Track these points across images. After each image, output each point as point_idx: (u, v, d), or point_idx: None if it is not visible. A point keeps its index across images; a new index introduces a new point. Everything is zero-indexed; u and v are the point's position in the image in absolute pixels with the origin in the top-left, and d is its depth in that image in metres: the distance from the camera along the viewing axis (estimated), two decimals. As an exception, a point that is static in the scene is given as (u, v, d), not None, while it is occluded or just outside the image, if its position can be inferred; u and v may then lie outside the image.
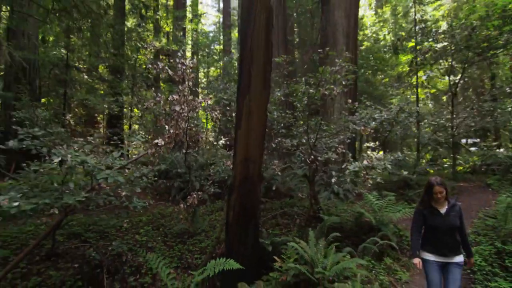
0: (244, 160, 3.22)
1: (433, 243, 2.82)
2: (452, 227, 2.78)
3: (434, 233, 2.83)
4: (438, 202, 2.84)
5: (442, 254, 2.78)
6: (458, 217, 2.80)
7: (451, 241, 2.77)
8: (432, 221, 2.84)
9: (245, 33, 2.89)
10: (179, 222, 4.02)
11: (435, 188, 2.78)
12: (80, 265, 2.99)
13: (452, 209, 2.82)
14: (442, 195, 2.77)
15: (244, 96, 3.02)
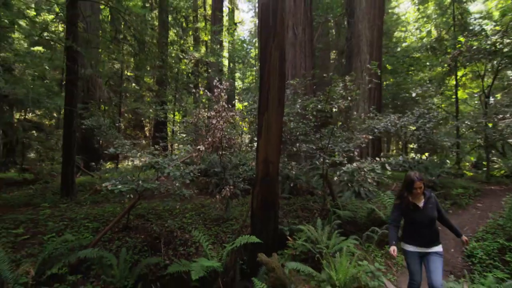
0: (264, 162, 4.17)
1: (413, 236, 2.88)
2: (431, 219, 2.84)
3: (413, 227, 2.89)
4: (416, 197, 2.89)
5: (422, 245, 2.85)
6: (435, 208, 2.87)
7: (430, 233, 2.84)
8: (411, 215, 2.89)
9: (263, 66, 3.85)
10: (215, 210, 5.11)
11: (416, 183, 2.82)
12: (145, 236, 4.17)
13: (429, 202, 2.89)
14: (421, 190, 2.84)
15: (263, 113, 3.98)
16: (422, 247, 2.83)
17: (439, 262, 2.77)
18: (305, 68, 10.02)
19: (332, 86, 4.73)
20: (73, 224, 3.86)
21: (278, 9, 3.66)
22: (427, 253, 2.83)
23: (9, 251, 3.24)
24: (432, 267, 2.75)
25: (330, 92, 4.66)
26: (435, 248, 2.80)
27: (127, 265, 3.50)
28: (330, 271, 3.02)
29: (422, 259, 2.85)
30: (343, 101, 4.79)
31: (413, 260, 2.85)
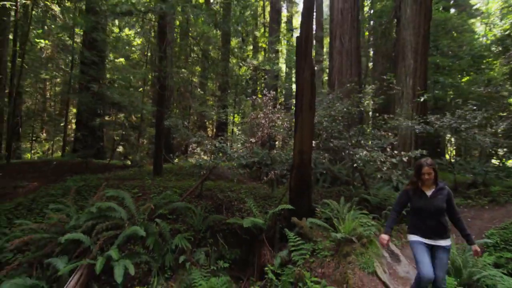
0: (299, 152, 5.56)
1: (418, 226, 2.85)
2: (437, 210, 2.76)
3: (419, 215, 2.85)
4: (426, 184, 2.85)
5: (427, 237, 2.79)
6: (445, 200, 2.79)
7: (436, 224, 2.77)
8: (417, 203, 2.86)
9: (298, 80, 5.27)
10: (263, 189, 6.64)
11: (424, 168, 2.80)
12: (212, 202, 5.89)
13: (439, 192, 2.82)
14: (430, 176, 2.79)
15: (298, 116, 5.38)
16: (427, 238, 2.78)
17: (446, 256, 2.72)
18: (351, 74, 11.03)
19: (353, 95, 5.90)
20: (166, 190, 5.77)
21: (309, 38, 5.05)
22: (433, 246, 2.77)
23: (131, 201, 5.22)
24: (438, 264, 2.71)
25: (354, 98, 5.84)
26: (442, 242, 2.74)
27: (201, 217, 5.23)
28: (338, 225, 4.31)
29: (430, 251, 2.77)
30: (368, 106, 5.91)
31: (419, 249, 2.77)
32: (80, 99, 7.94)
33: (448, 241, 2.77)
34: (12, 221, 4.56)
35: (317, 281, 3.52)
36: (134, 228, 4.10)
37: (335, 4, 11.36)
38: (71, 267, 3.56)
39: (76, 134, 8.65)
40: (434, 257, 2.76)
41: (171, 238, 4.46)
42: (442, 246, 2.74)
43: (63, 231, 3.98)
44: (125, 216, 4.35)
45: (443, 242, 2.75)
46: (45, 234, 3.95)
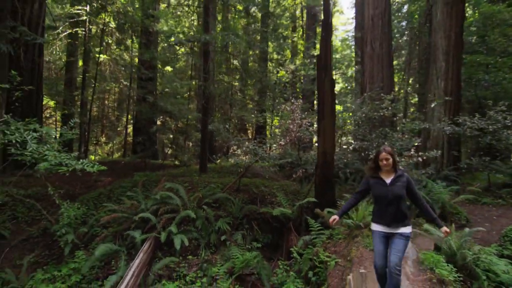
0: (323, 152, 6.45)
1: (378, 213, 2.92)
2: (396, 197, 2.79)
3: (379, 203, 2.93)
4: (385, 171, 2.91)
5: (386, 224, 2.84)
6: (405, 187, 2.83)
7: (394, 211, 2.80)
8: (377, 190, 2.91)
9: (320, 89, 6.17)
10: (293, 186, 7.60)
11: (381, 154, 2.87)
12: (248, 195, 6.99)
13: (398, 179, 2.87)
14: (388, 163, 2.85)
15: (321, 120, 6.27)
16: (386, 226, 2.84)
17: (402, 243, 2.76)
18: (382, 78, 11.51)
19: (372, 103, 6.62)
20: (210, 184, 6.99)
21: (328, 54, 5.94)
22: (392, 234, 2.83)
23: (184, 192, 6.52)
24: (393, 249, 2.76)
25: (372, 105, 6.57)
26: (400, 229, 2.80)
27: (238, 207, 6.35)
28: (352, 214, 5.14)
29: (388, 240, 2.85)
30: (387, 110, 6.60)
31: (377, 240, 2.90)
32: (139, 109, 9.58)
33: (407, 228, 2.81)
34: (97, 206, 6.09)
35: (328, 256, 4.43)
36: (186, 212, 5.35)
37: (365, 11, 11.92)
38: (143, 237, 4.89)
39: (137, 139, 10.36)
40: (392, 242, 2.81)
41: (214, 222, 5.64)
42: (399, 233, 2.78)
43: (136, 212, 5.35)
44: (179, 203, 5.63)
45: (402, 229, 2.79)
46: (123, 214, 5.36)
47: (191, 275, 4.65)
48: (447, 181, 9.26)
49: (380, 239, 2.89)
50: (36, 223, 5.73)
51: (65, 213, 5.11)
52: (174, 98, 11.99)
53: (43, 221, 5.60)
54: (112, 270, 4.55)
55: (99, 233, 5.27)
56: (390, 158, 2.84)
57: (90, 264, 4.52)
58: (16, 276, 4.56)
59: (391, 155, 2.86)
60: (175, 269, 4.69)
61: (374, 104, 6.71)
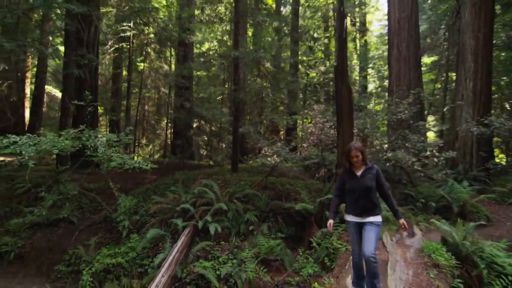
0: (342, 153, 7.08)
1: (351, 205, 3.14)
2: (366, 188, 3.01)
3: (351, 195, 3.14)
4: (356, 166, 3.13)
5: (358, 215, 3.06)
6: (374, 179, 3.05)
7: (365, 202, 3.03)
8: (349, 183, 3.13)
9: (337, 95, 6.82)
10: (316, 185, 8.29)
11: (352, 151, 3.08)
12: (274, 192, 7.80)
13: (368, 172, 3.08)
14: (359, 159, 3.06)
15: (339, 124, 6.92)
16: (358, 216, 3.06)
17: (372, 231, 2.95)
18: (409, 79, 11.76)
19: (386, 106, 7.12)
20: (240, 182, 7.89)
21: (344, 65, 6.60)
22: (363, 223, 3.04)
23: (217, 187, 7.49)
24: (365, 236, 2.96)
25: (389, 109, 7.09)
26: (370, 218, 3.00)
27: (265, 202, 7.18)
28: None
29: (361, 229, 3.07)
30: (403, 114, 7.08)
31: (351, 229, 3.14)
32: (178, 116, 10.79)
33: (377, 217, 3.02)
34: (145, 198, 7.26)
35: (341, 243, 5.12)
36: (219, 204, 6.29)
37: (391, 14, 12.22)
38: (184, 224, 5.91)
39: (176, 142, 11.63)
40: (364, 231, 3.02)
41: (244, 214, 6.53)
42: (371, 222, 2.99)
43: (178, 204, 6.40)
44: (213, 197, 6.59)
45: (372, 218, 3.00)
46: (168, 205, 6.44)
47: (223, 257, 5.57)
48: (476, 181, 9.39)
49: (354, 229, 3.12)
50: (97, 212, 7.02)
51: (121, 203, 6.30)
52: (209, 102, 13.15)
53: (103, 211, 6.86)
54: (160, 250, 5.61)
55: (148, 221, 6.39)
56: (360, 155, 3.08)
57: (142, 245, 5.62)
58: (86, 252, 5.79)
59: (361, 151, 3.09)
60: (210, 252, 5.64)
61: (391, 108, 7.20)
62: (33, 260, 6.04)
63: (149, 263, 5.43)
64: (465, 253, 4.68)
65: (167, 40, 13.03)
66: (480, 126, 8.85)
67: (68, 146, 4.79)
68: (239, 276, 5.22)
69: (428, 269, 3.93)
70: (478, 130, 8.83)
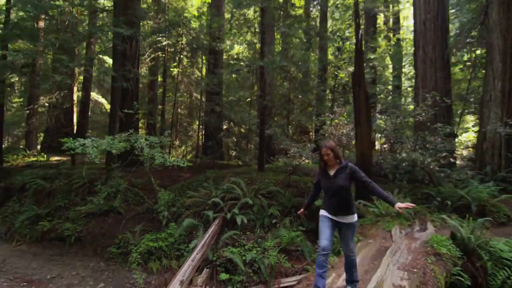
0: (360, 154, 7.65)
1: (326, 203, 3.21)
2: (339, 188, 3.01)
3: (326, 194, 3.20)
4: (330, 165, 3.14)
5: (332, 213, 3.10)
6: (348, 178, 3.04)
7: (339, 202, 3.05)
8: (323, 182, 3.18)
9: (355, 99, 7.39)
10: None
11: (322, 150, 3.11)
12: (297, 190, 8.49)
13: (341, 171, 3.06)
14: (329, 157, 3.05)
15: (357, 127, 7.48)
16: (332, 215, 3.09)
17: (350, 232, 3.07)
18: (435, 80, 11.91)
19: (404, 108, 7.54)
20: (265, 180, 8.67)
21: (361, 72, 7.17)
22: (338, 222, 3.10)
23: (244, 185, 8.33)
24: (342, 238, 3.13)
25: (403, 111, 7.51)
26: (346, 219, 3.05)
27: (288, 198, 7.90)
28: (379, 205, 6.31)
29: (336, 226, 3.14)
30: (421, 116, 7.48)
31: (324, 223, 3.13)
32: (209, 120, 11.82)
33: (352, 217, 3.08)
34: (181, 193, 8.28)
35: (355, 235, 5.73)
36: (246, 199, 7.12)
37: (417, 16, 12.42)
38: (214, 216, 6.80)
39: (207, 143, 12.69)
40: (340, 232, 3.13)
41: (268, 208, 7.30)
42: (346, 223, 3.06)
43: (209, 198, 7.32)
44: (240, 192, 7.44)
45: (347, 218, 3.05)
46: (200, 199, 7.38)
47: (248, 245, 6.38)
48: (504, 183, 9.42)
49: (327, 223, 3.11)
50: (141, 204, 8.14)
51: (161, 197, 7.33)
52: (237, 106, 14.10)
53: (146, 203, 7.96)
54: (194, 237, 6.54)
55: (184, 212, 7.36)
56: (331, 153, 3.07)
57: (179, 232, 6.58)
58: (132, 237, 6.87)
59: (331, 149, 3.08)
60: (237, 240, 6.47)
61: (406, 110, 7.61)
62: (89, 243, 7.25)
63: (184, 247, 6.38)
64: (471, 246, 5.11)
65: (199, 49, 14.17)
66: (508, 127, 8.94)
67: (122, 147, 5.88)
68: (262, 262, 5.99)
69: (428, 256, 4.45)
70: (506, 131, 8.92)
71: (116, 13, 8.49)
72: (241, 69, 8.61)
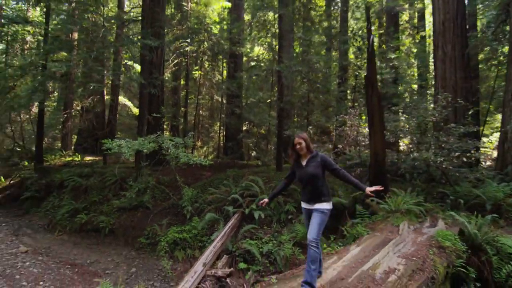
0: (374, 154, 7.98)
1: (302, 192, 3.37)
2: (310, 176, 3.17)
3: (300, 183, 3.37)
4: (302, 155, 3.32)
5: (306, 201, 3.27)
6: (319, 167, 3.18)
7: (311, 190, 3.20)
8: (298, 172, 3.34)
9: (368, 102, 7.75)
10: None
11: (295, 139, 3.26)
12: (313, 189, 8.94)
13: (312, 160, 3.22)
14: (301, 146, 3.20)
15: (371, 127, 7.82)
16: (307, 203, 3.29)
17: (317, 218, 3.13)
18: (455, 80, 11.94)
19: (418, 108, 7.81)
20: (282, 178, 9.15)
21: (374, 75, 7.53)
22: (311, 209, 3.24)
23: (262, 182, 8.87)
24: (311, 222, 3.16)
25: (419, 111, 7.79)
26: (316, 205, 3.18)
27: (303, 196, 8.37)
28: (391, 203, 6.66)
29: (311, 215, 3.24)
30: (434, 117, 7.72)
31: (304, 215, 3.39)
32: (229, 121, 12.51)
33: (324, 204, 3.18)
34: (203, 190, 8.96)
35: (364, 229, 6.14)
36: (263, 196, 7.66)
37: (436, 16, 12.48)
38: (234, 211, 7.40)
39: (228, 144, 13.39)
40: (311, 217, 3.20)
41: (284, 205, 7.82)
42: (317, 209, 3.17)
43: (229, 194, 7.94)
44: (258, 190, 8.00)
45: (317, 205, 3.18)
46: (221, 195, 8.01)
47: (265, 238, 6.92)
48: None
49: (305, 215, 3.38)
50: (166, 200, 8.89)
51: (185, 193, 8.03)
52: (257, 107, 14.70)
53: (171, 199, 8.70)
54: (215, 229, 7.17)
55: (206, 207, 8.02)
56: (303, 142, 3.26)
57: (202, 225, 7.24)
58: (160, 229, 7.60)
59: (304, 139, 3.28)
60: (255, 233, 7.03)
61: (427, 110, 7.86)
62: (121, 234, 8.07)
63: (206, 239, 7.01)
64: (477, 241, 5.40)
65: (219, 53, 14.91)
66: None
67: (151, 147, 6.63)
68: (278, 253, 6.51)
69: (431, 248, 4.81)
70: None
71: (143, 25, 9.35)
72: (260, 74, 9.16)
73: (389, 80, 20.28)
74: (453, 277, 4.91)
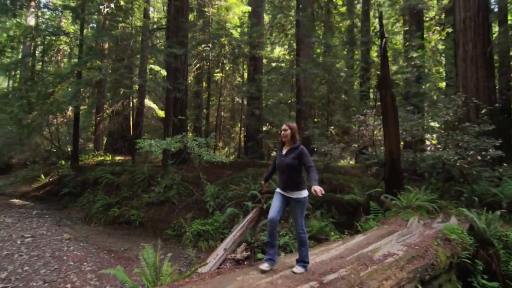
0: (389, 153, 8.31)
1: (279, 179, 3.47)
2: (287, 165, 3.26)
3: (278, 171, 3.49)
4: (285, 142, 3.43)
5: (282, 189, 3.36)
6: (297, 158, 3.26)
7: (287, 178, 3.30)
8: (277, 160, 3.50)
9: (382, 102, 8.08)
10: (370, 181, 9.53)
11: (283, 127, 3.39)
12: (329, 186, 9.34)
13: (292, 151, 3.31)
14: (286, 133, 3.31)
15: (385, 128, 8.14)
16: (283, 190, 3.38)
17: (297, 208, 3.30)
18: (476, 79, 11.91)
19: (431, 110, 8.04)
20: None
21: (387, 75, 7.86)
22: (289, 198, 3.34)
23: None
24: (291, 212, 3.39)
25: (431, 111, 8.02)
26: (293, 194, 3.29)
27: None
28: (403, 199, 6.99)
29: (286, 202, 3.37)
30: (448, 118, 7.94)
31: (276, 197, 3.43)
32: (249, 122, 13.13)
33: (299, 193, 3.29)
34: (224, 187, 9.61)
35: (376, 224, 6.52)
36: (280, 192, 8.20)
37: (456, 15, 12.48)
38: (253, 206, 7.98)
39: (248, 144, 14.02)
40: (290, 207, 3.34)
41: (300, 201, 8.31)
42: (293, 198, 3.29)
43: (248, 191, 8.53)
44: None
45: (295, 194, 3.28)
46: (241, 192, 8.62)
47: (282, 232, 7.43)
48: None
49: (278, 197, 3.42)
50: (190, 196, 9.62)
51: (208, 190, 8.71)
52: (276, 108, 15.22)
53: (194, 195, 9.42)
54: (235, 223, 7.77)
55: (227, 203, 8.66)
56: (288, 130, 3.38)
57: (223, 219, 7.87)
58: (185, 222, 8.32)
59: (290, 128, 3.39)
60: (272, 227, 7.58)
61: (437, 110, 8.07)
62: (150, 227, 8.87)
63: (227, 232, 7.63)
64: (486, 236, 5.66)
65: (240, 56, 15.58)
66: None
67: (178, 147, 7.36)
68: (294, 246, 7.01)
69: (436, 240, 5.15)
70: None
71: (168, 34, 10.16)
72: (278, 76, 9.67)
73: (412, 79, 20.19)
74: (460, 269, 5.22)
